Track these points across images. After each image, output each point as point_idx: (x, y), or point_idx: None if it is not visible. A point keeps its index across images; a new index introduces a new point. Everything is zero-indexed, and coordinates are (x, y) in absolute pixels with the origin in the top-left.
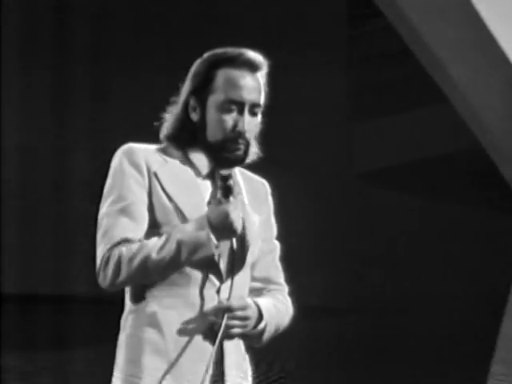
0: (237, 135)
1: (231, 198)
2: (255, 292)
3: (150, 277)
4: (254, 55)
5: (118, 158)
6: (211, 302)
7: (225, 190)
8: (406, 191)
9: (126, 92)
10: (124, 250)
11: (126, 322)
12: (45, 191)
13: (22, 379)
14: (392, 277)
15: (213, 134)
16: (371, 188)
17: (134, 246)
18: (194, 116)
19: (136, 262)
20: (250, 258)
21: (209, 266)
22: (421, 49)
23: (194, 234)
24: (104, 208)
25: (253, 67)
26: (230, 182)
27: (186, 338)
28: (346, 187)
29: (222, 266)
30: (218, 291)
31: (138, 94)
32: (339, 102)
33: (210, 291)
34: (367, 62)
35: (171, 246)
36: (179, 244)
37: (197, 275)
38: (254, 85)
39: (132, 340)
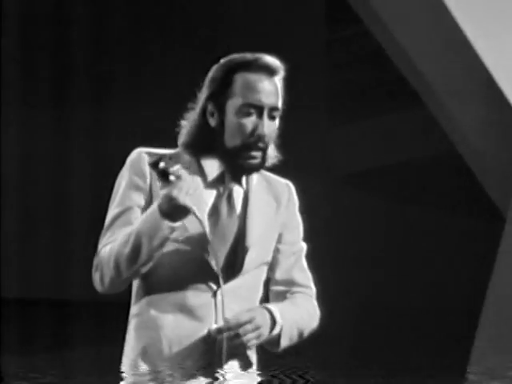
0: (256, 139)
1: (172, 179)
2: (278, 295)
3: (125, 273)
4: (271, 59)
5: (126, 163)
6: (207, 306)
7: (160, 174)
8: (385, 194)
9: (129, 97)
10: (103, 252)
11: (130, 325)
12: (45, 195)
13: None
14: (371, 277)
15: (231, 138)
16: (350, 191)
17: (108, 247)
18: (212, 121)
19: (111, 262)
20: (249, 262)
21: (204, 269)
22: (397, 53)
23: (149, 222)
24: (107, 214)
25: (270, 71)
26: (161, 165)
27: (182, 343)
28: (325, 190)
29: (217, 269)
30: (215, 295)
31: (139, 98)
32: (318, 106)
33: (206, 295)
34: (346, 66)
35: (133, 238)
36: (139, 234)
37: (193, 279)
38: (272, 89)
39: (134, 343)
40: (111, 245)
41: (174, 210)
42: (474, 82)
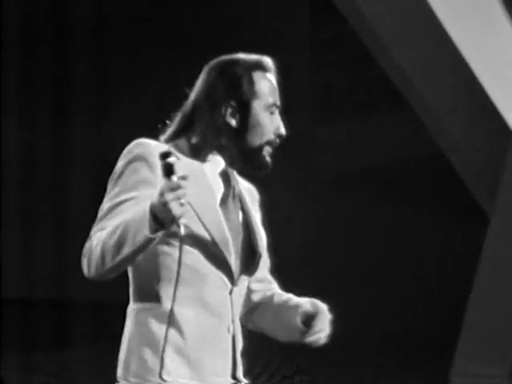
0: (276, 138)
1: (174, 178)
2: (257, 293)
3: (109, 262)
4: (269, 59)
5: (130, 152)
6: (225, 304)
7: (165, 168)
8: (370, 195)
9: (128, 95)
10: (94, 238)
11: (137, 320)
12: (45, 195)
13: (22, 383)
14: (356, 277)
15: (256, 137)
16: (334, 192)
17: (99, 233)
18: (233, 121)
19: (98, 249)
20: (262, 261)
21: (222, 266)
22: (382, 54)
23: (139, 216)
24: (104, 201)
25: (271, 71)
26: (171, 159)
27: (205, 338)
28: (310, 191)
29: (234, 267)
30: (231, 293)
31: (139, 97)
32: (302, 107)
33: (223, 292)
34: (330, 66)
35: (121, 229)
36: (127, 226)
37: (210, 275)
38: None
39: (149, 338)
40: (103, 231)
41: (163, 213)
42: (459, 83)
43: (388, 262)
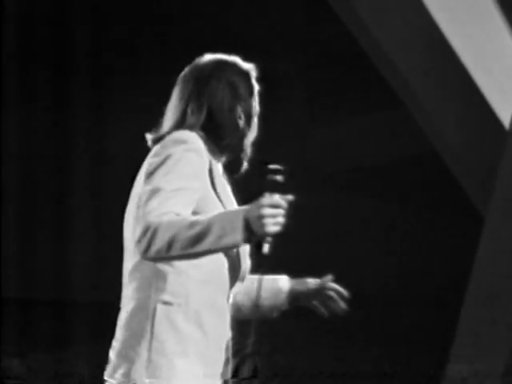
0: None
1: (276, 196)
2: None
3: (176, 251)
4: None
5: (185, 142)
6: (227, 309)
7: (271, 183)
8: (365, 194)
9: (130, 98)
10: (165, 219)
11: (169, 313)
12: (45, 195)
13: (22, 383)
14: (350, 276)
15: (250, 140)
16: (329, 191)
17: (176, 217)
18: (241, 122)
19: (168, 234)
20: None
21: (233, 272)
22: (377, 53)
23: (229, 220)
24: (157, 182)
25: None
26: (279, 178)
27: (219, 341)
28: (304, 190)
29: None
30: (228, 299)
31: (140, 98)
32: (297, 106)
33: (226, 298)
34: (326, 66)
35: (204, 225)
36: (211, 224)
37: (226, 281)
38: None
39: (174, 334)
40: (173, 217)
41: (257, 227)
42: (454, 83)
43: (384, 260)
